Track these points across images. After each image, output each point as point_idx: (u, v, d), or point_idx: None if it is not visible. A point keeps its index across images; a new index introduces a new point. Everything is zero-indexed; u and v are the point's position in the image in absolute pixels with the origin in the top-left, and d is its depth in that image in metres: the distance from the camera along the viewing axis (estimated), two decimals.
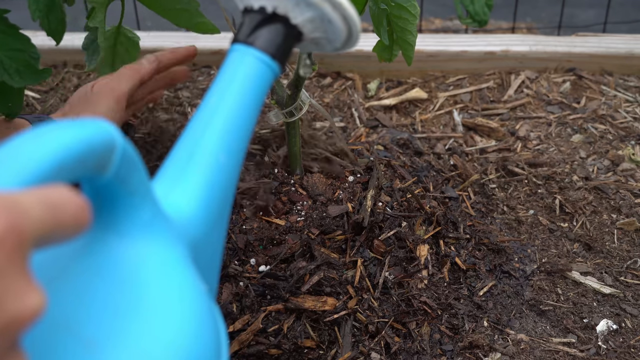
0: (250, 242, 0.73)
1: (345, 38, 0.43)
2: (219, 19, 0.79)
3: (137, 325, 0.30)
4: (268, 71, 0.41)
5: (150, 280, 0.32)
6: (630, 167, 0.96)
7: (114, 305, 0.31)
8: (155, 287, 0.32)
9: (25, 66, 0.64)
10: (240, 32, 0.42)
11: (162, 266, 0.33)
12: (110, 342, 0.29)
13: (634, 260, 0.82)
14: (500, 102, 1.10)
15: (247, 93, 0.40)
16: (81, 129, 0.28)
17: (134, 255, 0.33)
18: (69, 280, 0.31)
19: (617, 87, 1.14)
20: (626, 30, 1.43)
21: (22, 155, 0.25)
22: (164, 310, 0.32)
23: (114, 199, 0.32)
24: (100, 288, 0.31)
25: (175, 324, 0.32)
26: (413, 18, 0.67)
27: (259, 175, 0.79)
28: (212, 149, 0.39)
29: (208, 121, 0.39)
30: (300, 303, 0.68)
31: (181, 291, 0.33)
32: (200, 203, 0.38)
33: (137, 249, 0.33)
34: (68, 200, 0.24)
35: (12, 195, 0.22)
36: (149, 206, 0.34)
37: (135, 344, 0.30)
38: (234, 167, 0.40)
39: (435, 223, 0.80)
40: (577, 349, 0.70)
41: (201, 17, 0.73)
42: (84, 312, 0.30)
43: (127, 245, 0.33)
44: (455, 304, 0.73)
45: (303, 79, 0.71)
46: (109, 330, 0.30)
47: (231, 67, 0.41)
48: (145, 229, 0.33)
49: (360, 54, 1.15)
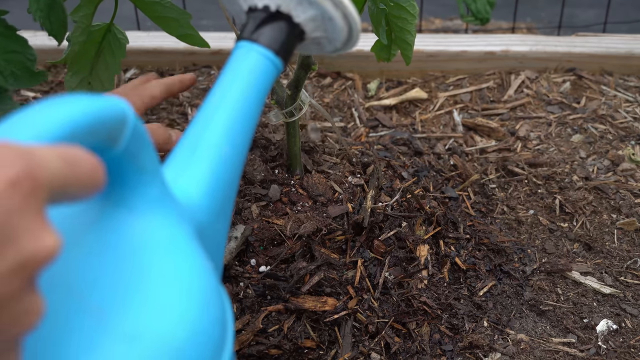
0: (251, 242, 0.73)
1: (345, 37, 0.44)
2: (219, 19, 0.79)
3: (144, 295, 0.31)
4: (271, 67, 0.42)
5: (158, 253, 0.33)
6: (630, 167, 0.96)
7: (122, 276, 0.32)
8: (163, 259, 0.33)
9: (21, 69, 0.64)
10: (244, 30, 0.43)
11: (170, 240, 0.35)
12: (117, 310, 0.30)
13: (634, 260, 0.82)
14: (500, 102, 1.10)
15: (250, 87, 0.42)
16: (96, 101, 0.29)
17: (143, 229, 0.34)
18: (80, 250, 0.32)
19: (617, 87, 1.14)
20: (626, 30, 1.43)
21: (39, 118, 0.27)
22: (170, 282, 0.33)
23: (125, 174, 0.33)
24: (109, 259, 0.32)
25: (182, 295, 0.33)
26: (412, 18, 0.67)
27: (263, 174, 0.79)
28: (217, 140, 0.40)
29: (212, 114, 0.41)
30: (300, 303, 0.68)
31: (188, 264, 0.34)
32: (205, 191, 0.39)
33: (145, 223, 0.34)
34: (84, 158, 0.26)
35: (30, 147, 0.24)
36: (157, 184, 0.35)
37: (142, 313, 0.31)
38: (238, 159, 0.41)
39: (435, 223, 0.80)
40: (577, 349, 0.70)
41: (191, 29, 0.74)
42: (93, 281, 0.31)
43: (136, 219, 0.34)
44: (455, 304, 0.73)
45: (303, 79, 0.71)
46: (116, 299, 0.31)
47: (236, 62, 0.43)
48: (153, 205, 0.35)
49: (360, 54, 1.15)
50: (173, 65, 1.20)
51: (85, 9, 0.69)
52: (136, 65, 1.21)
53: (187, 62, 1.20)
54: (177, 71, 1.18)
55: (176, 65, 1.20)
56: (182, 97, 1.09)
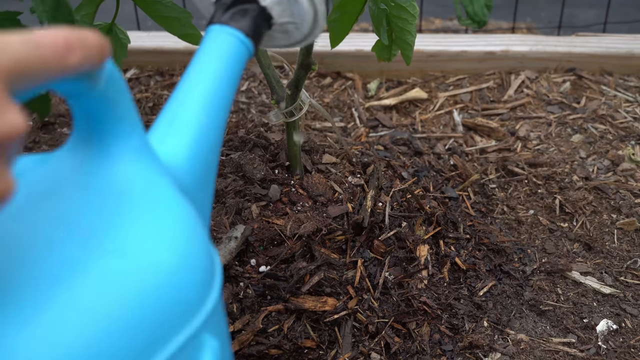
0: (251, 242, 0.73)
1: (312, 21, 0.47)
2: None
3: (131, 222, 0.32)
4: (242, 47, 0.45)
5: (143, 191, 0.34)
6: (630, 167, 0.96)
7: (108, 207, 0.32)
8: (149, 196, 0.34)
9: None
10: (214, 17, 0.46)
11: (154, 183, 0.35)
12: (103, 232, 0.31)
13: (634, 260, 0.82)
14: (500, 102, 1.10)
15: (224, 66, 0.44)
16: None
17: (126, 173, 0.34)
18: (61, 196, 0.33)
19: (617, 87, 1.14)
20: (626, 30, 1.43)
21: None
22: (158, 213, 0.33)
23: (104, 122, 0.34)
24: (91, 204, 0.32)
25: (170, 225, 0.33)
26: (412, 18, 0.67)
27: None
28: (195, 112, 0.42)
29: (189, 90, 0.43)
30: (300, 303, 0.68)
31: (174, 204, 0.35)
32: (187, 155, 0.40)
33: (128, 169, 0.34)
34: (50, 38, 0.26)
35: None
36: (138, 135, 0.36)
37: (130, 235, 0.31)
38: (216, 132, 0.43)
39: (435, 223, 0.80)
40: (577, 349, 0.70)
41: (192, 28, 0.74)
42: (78, 213, 0.32)
43: (118, 165, 0.34)
44: (455, 304, 0.73)
45: (303, 79, 0.71)
46: (102, 225, 0.31)
47: (208, 44, 0.45)
48: (135, 154, 0.35)
49: (360, 54, 1.15)
50: (173, 65, 1.20)
51: (87, 9, 0.69)
52: (136, 65, 1.21)
53: (187, 62, 1.20)
54: (177, 71, 1.18)
55: (176, 65, 1.20)
56: None
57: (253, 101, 1.11)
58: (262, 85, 1.15)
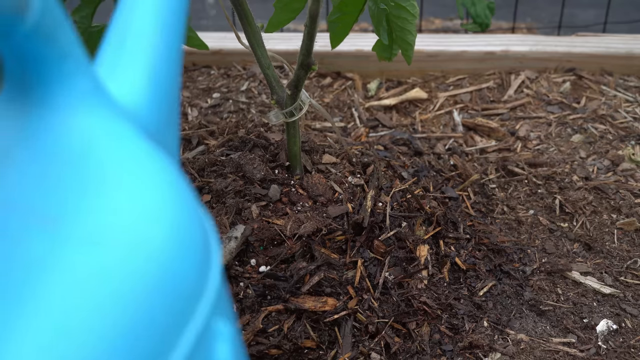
0: (251, 242, 0.73)
1: None
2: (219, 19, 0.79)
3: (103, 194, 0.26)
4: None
5: (105, 159, 0.27)
6: (630, 167, 0.96)
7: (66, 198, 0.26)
8: (116, 154, 0.28)
9: None
10: None
11: (117, 141, 0.28)
12: (74, 216, 0.25)
13: (634, 260, 0.82)
14: (500, 102, 1.10)
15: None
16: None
17: (79, 132, 0.27)
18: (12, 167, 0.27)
19: (617, 87, 1.14)
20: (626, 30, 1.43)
21: None
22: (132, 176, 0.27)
23: (43, 63, 0.27)
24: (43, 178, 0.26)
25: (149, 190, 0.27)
26: (412, 18, 0.67)
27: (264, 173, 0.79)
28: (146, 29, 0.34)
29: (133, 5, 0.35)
30: (300, 303, 0.68)
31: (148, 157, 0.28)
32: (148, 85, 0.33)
33: (81, 124, 0.28)
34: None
35: None
36: (86, 74, 0.29)
37: (105, 213, 0.25)
38: (171, 51, 0.36)
39: (435, 223, 0.80)
40: (577, 349, 0.70)
41: (191, 31, 0.74)
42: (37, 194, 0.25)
43: (67, 120, 0.28)
44: (455, 304, 0.73)
45: (303, 79, 0.71)
46: (70, 205, 0.25)
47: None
48: (87, 101, 0.28)
49: (360, 54, 1.15)
50: None
51: (85, 10, 0.69)
52: None
53: (187, 62, 1.20)
54: None
55: None
56: (182, 97, 1.09)
57: (253, 101, 1.11)
58: (262, 85, 1.15)
